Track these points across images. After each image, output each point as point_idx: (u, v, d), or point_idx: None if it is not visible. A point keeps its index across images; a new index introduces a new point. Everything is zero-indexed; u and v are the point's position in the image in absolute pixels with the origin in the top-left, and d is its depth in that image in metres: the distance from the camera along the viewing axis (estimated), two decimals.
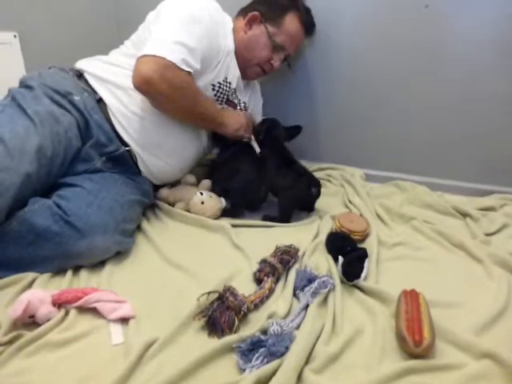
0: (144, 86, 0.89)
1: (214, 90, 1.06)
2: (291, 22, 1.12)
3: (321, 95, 1.39)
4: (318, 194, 1.06)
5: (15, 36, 1.22)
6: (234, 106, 1.16)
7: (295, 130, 1.22)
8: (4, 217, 0.77)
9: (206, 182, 1.12)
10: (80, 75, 1.00)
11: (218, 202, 1.06)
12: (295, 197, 1.05)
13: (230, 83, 1.09)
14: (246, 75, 1.15)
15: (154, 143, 1.00)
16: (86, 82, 0.99)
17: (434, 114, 1.25)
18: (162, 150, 1.02)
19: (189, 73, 0.93)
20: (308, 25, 1.19)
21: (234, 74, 1.09)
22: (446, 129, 1.25)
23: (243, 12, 1.13)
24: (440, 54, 1.19)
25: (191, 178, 1.15)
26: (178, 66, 0.90)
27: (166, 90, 0.90)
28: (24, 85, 0.92)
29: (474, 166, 1.26)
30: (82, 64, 1.03)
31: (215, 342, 0.62)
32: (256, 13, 1.09)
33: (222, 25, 1.05)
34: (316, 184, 1.04)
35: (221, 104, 1.11)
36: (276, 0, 1.13)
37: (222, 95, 1.09)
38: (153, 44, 0.91)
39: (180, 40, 0.91)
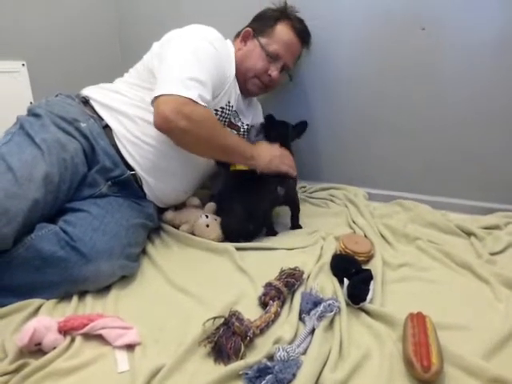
0: (165, 125, 0.90)
1: (216, 114, 1.07)
2: (282, 29, 1.15)
3: (321, 115, 1.41)
4: (286, 193, 1.09)
5: (23, 65, 1.26)
6: (238, 129, 1.17)
7: (302, 126, 1.21)
8: (12, 242, 0.78)
9: (211, 205, 1.13)
10: (86, 102, 1.03)
11: None
12: (266, 199, 1.08)
13: (232, 106, 1.11)
14: (247, 91, 1.17)
15: (158, 167, 1.02)
16: (92, 108, 1.01)
17: (436, 132, 1.27)
18: (167, 173, 1.03)
19: (205, 107, 0.93)
20: (302, 32, 1.19)
21: (235, 96, 1.12)
22: (448, 147, 1.27)
23: (239, 33, 1.19)
24: (438, 74, 1.21)
25: (195, 201, 1.15)
26: (195, 102, 0.90)
27: (185, 126, 0.89)
28: (32, 113, 0.95)
29: (477, 184, 1.27)
30: (87, 91, 1.05)
31: (221, 369, 0.61)
32: (248, 29, 1.15)
33: (226, 53, 1.08)
34: (282, 183, 1.08)
35: (223, 124, 1.12)
36: (266, 14, 1.18)
37: (224, 119, 1.10)
38: (167, 82, 0.91)
39: (193, 76, 0.92)
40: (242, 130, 1.19)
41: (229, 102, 1.09)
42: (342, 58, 1.32)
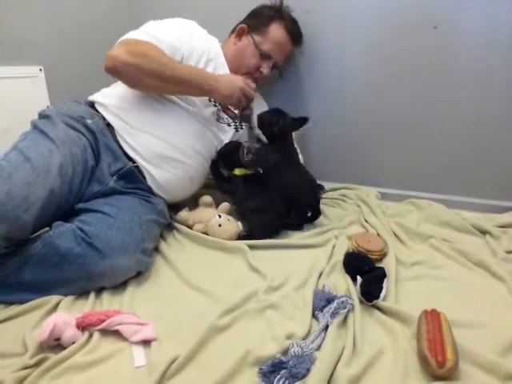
0: (110, 62, 0.96)
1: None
2: (276, 30, 1.21)
3: (333, 115, 1.41)
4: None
5: (41, 70, 1.29)
6: (234, 117, 1.21)
7: (303, 121, 1.20)
8: (30, 231, 0.82)
9: (225, 205, 1.14)
10: (92, 105, 1.09)
11: (235, 226, 1.07)
12: (305, 200, 1.12)
13: None
14: None
15: (159, 154, 1.05)
16: (97, 110, 1.07)
17: (448, 131, 1.26)
18: (168, 159, 1.06)
19: (151, 43, 1.00)
20: (294, 34, 1.25)
21: None
22: (461, 146, 1.25)
23: (234, 28, 1.24)
24: (451, 74, 1.20)
25: (208, 199, 1.16)
26: (138, 40, 0.99)
27: (128, 59, 0.95)
28: (42, 116, 1.00)
29: (491, 183, 1.25)
30: (92, 96, 1.11)
31: (233, 360, 0.62)
32: (243, 25, 1.22)
33: (200, 32, 1.16)
34: (321, 187, 1.13)
35: (218, 111, 1.17)
36: (262, 12, 1.24)
37: (215, 102, 1.15)
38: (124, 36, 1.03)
39: (144, 30, 1.04)
40: (238, 118, 1.22)
41: None
42: (353, 58, 1.32)
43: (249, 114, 1.14)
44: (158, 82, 1.00)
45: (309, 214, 1.15)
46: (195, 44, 1.11)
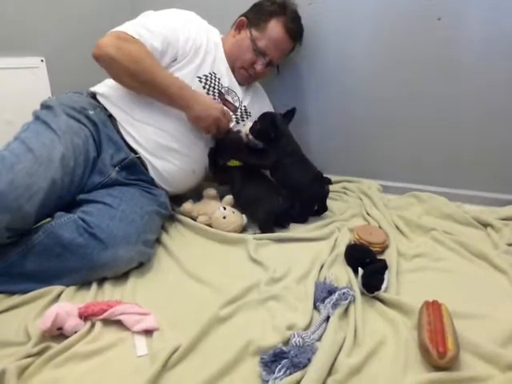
0: (96, 50, 0.97)
1: (201, 82, 1.12)
2: (274, 27, 1.17)
3: (335, 107, 1.40)
4: (328, 191, 1.15)
5: (42, 60, 1.29)
6: (234, 110, 1.20)
7: (292, 113, 1.22)
8: (32, 222, 0.82)
9: (230, 198, 1.13)
10: (93, 96, 1.09)
11: (239, 218, 1.07)
12: (312, 197, 1.14)
13: (219, 79, 1.15)
14: (235, 78, 1.21)
15: (162, 146, 1.05)
16: (98, 101, 1.07)
17: (451, 123, 1.25)
18: (171, 151, 1.06)
19: (142, 44, 1.00)
20: (293, 32, 1.20)
21: (223, 72, 1.16)
22: (463, 139, 1.25)
23: (236, 21, 1.23)
24: (455, 67, 1.19)
25: (212, 191, 1.16)
26: (129, 35, 0.99)
27: (112, 53, 0.96)
28: (44, 106, 1.00)
29: (493, 176, 1.25)
30: (94, 87, 1.11)
31: (235, 349, 0.63)
32: (243, 18, 1.20)
33: (198, 23, 1.15)
34: (327, 181, 1.12)
35: (214, 99, 1.15)
36: (263, 6, 1.20)
37: (212, 88, 1.14)
38: (121, 25, 1.03)
39: (140, 22, 1.04)
40: (239, 111, 1.21)
41: (214, 73, 1.13)
42: (358, 53, 1.30)
43: (237, 133, 1.16)
44: (135, 83, 1.01)
45: (315, 208, 1.16)
46: (192, 35, 1.10)
